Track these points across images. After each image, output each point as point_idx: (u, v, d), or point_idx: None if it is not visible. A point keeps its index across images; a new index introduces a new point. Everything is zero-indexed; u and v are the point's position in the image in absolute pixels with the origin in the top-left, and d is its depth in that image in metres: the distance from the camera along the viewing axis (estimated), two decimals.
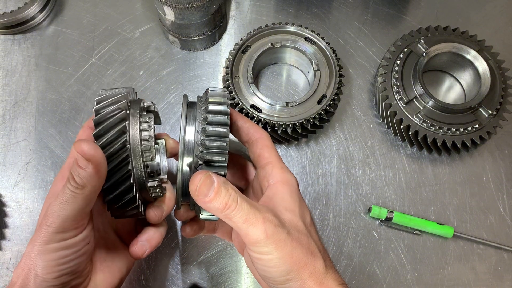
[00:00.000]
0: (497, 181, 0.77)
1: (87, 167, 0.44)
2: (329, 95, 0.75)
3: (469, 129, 0.74)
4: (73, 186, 0.45)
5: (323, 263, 0.48)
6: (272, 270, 0.47)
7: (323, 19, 0.89)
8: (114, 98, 0.50)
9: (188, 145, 0.49)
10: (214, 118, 0.49)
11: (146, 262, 0.72)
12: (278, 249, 0.46)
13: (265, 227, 0.45)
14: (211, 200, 0.46)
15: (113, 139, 0.48)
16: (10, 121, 0.81)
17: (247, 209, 0.46)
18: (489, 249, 0.74)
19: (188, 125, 0.50)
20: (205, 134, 0.48)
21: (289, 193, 0.53)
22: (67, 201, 0.45)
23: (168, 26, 0.81)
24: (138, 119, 0.50)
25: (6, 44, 0.87)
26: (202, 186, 0.46)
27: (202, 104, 0.52)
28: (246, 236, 0.46)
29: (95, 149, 0.45)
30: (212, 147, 0.48)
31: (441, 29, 0.81)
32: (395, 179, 0.78)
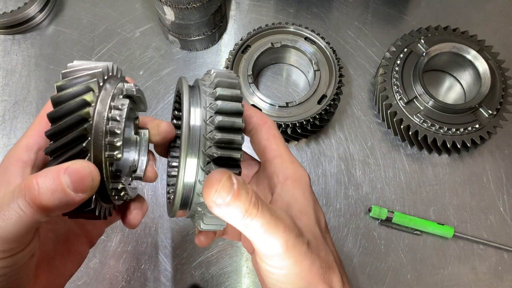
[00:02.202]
0: (497, 181, 0.77)
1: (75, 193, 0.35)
2: (329, 95, 0.75)
3: (469, 129, 0.74)
4: (25, 205, 0.34)
5: (340, 279, 0.42)
6: (285, 287, 0.40)
7: (323, 19, 0.89)
8: (88, 67, 0.41)
9: (192, 139, 0.39)
10: (226, 105, 0.39)
11: (146, 262, 0.72)
12: (296, 264, 0.39)
13: (286, 238, 0.38)
14: (229, 205, 0.37)
15: (72, 108, 0.38)
16: (10, 121, 0.81)
17: (269, 216, 0.38)
18: (489, 249, 0.74)
19: (193, 115, 0.40)
20: (216, 125, 0.39)
21: (302, 193, 0.46)
22: (8, 220, 0.34)
23: (168, 26, 0.81)
24: (111, 95, 0.40)
25: (6, 44, 0.87)
26: (221, 189, 0.36)
27: (207, 88, 0.42)
28: (263, 247, 0.39)
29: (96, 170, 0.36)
30: (224, 141, 0.39)
31: (441, 29, 0.81)
32: (395, 179, 0.78)
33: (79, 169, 0.35)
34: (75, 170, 0.35)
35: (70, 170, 0.35)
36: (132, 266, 0.72)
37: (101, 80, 0.40)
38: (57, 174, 0.34)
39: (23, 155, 0.41)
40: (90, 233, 0.50)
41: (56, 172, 0.34)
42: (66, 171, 0.34)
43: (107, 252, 0.73)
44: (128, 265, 0.72)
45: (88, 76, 0.39)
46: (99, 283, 0.71)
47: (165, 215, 0.75)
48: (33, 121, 0.44)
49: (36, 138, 0.42)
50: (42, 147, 0.42)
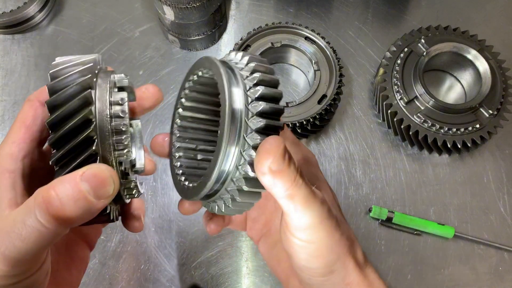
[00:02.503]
0: (497, 181, 0.77)
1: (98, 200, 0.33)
2: (330, 95, 0.75)
3: (470, 129, 0.74)
4: (48, 219, 0.32)
5: (362, 253, 0.43)
6: (316, 261, 0.40)
7: (323, 19, 0.89)
8: (77, 62, 0.38)
9: (234, 123, 0.37)
10: (265, 77, 0.39)
11: (146, 263, 0.72)
12: (329, 236, 0.39)
13: (322, 211, 0.38)
14: (281, 173, 0.35)
15: (73, 110, 0.35)
16: (9, 121, 0.81)
17: (309, 188, 0.37)
18: (490, 249, 0.73)
19: (234, 98, 0.37)
20: (257, 95, 0.38)
21: (316, 172, 0.46)
22: (28, 238, 0.32)
23: (168, 25, 0.81)
24: (108, 91, 0.37)
25: (6, 44, 0.86)
26: (280, 154, 0.35)
27: (243, 72, 0.40)
28: (300, 219, 0.38)
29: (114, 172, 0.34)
30: (268, 111, 0.37)
31: (442, 29, 0.81)
32: (395, 179, 0.77)
33: (97, 173, 0.33)
34: (93, 174, 0.33)
35: (87, 176, 0.33)
36: (131, 267, 0.72)
37: (94, 75, 0.37)
38: (74, 182, 0.32)
39: (9, 165, 0.38)
40: (88, 237, 0.49)
41: (73, 180, 0.32)
42: (83, 177, 0.32)
43: (107, 252, 0.72)
44: (128, 266, 0.72)
45: (80, 73, 0.37)
46: (98, 283, 0.71)
47: (165, 215, 0.75)
48: (11, 128, 0.40)
49: (19, 145, 0.39)
50: (27, 155, 0.39)
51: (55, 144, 0.35)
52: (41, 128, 0.40)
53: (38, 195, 0.32)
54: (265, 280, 0.72)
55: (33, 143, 0.40)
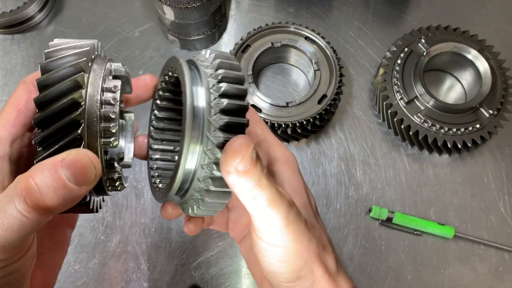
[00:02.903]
0: (498, 181, 0.77)
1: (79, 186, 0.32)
2: (330, 95, 0.75)
3: (470, 129, 0.74)
4: (27, 210, 0.31)
5: (334, 259, 0.42)
6: (282, 266, 0.39)
7: (323, 19, 0.89)
8: (74, 45, 0.37)
9: (196, 122, 0.36)
10: (229, 73, 0.38)
11: (146, 263, 0.72)
12: (295, 240, 0.38)
13: (288, 213, 0.37)
14: (247, 173, 0.34)
15: (63, 91, 0.34)
16: None
17: (275, 189, 0.36)
18: (490, 249, 0.73)
19: (196, 96, 0.37)
20: (220, 92, 0.37)
21: (293, 173, 0.45)
22: (10, 227, 0.31)
23: (168, 25, 0.81)
24: (102, 77, 0.36)
25: (5, 44, 0.86)
26: (249, 155, 0.34)
27: (207, 69, 0.40)
28: (265, 221, 0.37)
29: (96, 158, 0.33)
30: (231, 108, 0.37)
31: (442, 29, 0.81)
32: (395, 179, 0.77)
33: (78, 159, 0.32)
34: (73, 160, 0.32)
35: (68, 162, 0.31)
36: (131, 267, 0.72)
37: (89, 59, 0.36)
38: (54, 169, 0.31)
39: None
40: (69, 218, 0.48)
41: (53, 166, 0.31)
42: (63, 163, 0.31)
43: (107, 252, 0.72)
44: (128, 266, 0.72)
45: (75, 55, 0.36)
46: (98, 283, 0.71)
47: None
48: (2, 111, 0.39)
49: (9, 129, 0.38)
50: (16, 139, 0.38)
51: (40, 123, 0.34)
52: (33, 113, 0.39)
53: (17, 184, 0.32)
54: None
55: (24, 127, 0.39)
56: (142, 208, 0.75)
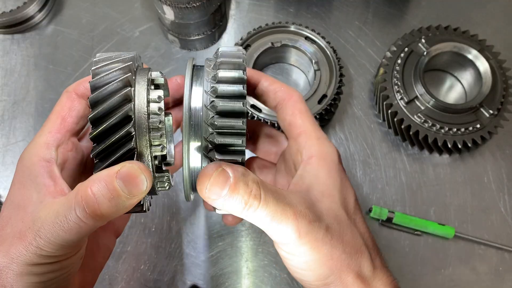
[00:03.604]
0: (498, 181, 0.77)
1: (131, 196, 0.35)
2: (330, 95, 0.75)
3: (470, 129, 0.74)
4: (86, 216, 0.35)
5: (370, 263, 0.40)
6: (306, 274, 0.39)
7: (324, 18, 0.89)
8: (116, 60, 0.40)
9: (194, 125, 0.38)
10: (226, 88, 0.38)
11: (146, 263, 0.72)
12: (313, 250, 0.37)
13: (297, 225, 0.37)
14: (227, 200, 0.36)
15: (113, 107, 0.37)
16: (9, 121, 0.81)
17: (274, 205, 0.36)
18: (490, 249, 0.73)
19: (193, 98, 0.38)
20: (215, 110, 0.37)
21: (327, 172, 0.42)
22: (70, 230, 0.35)
23: (168, 25, 0.81)
24: (146, 88, 0.39)
25: (5, 44, 0.86)
26: (213, 184, 0.35)
27: (211, 70, 0.40)
28: (274, 235, 0.38)
29: (147, 170, 0.36)
30: (225, 127, 0.37)
31: (442, 29, 0.81)
32: (395, 179, 0.77)
33: (131, 172, 0.35)
34: (127, 173, 0.35)
35: (122, 174, 0.35)
36: (131, 267, 0.72)
37: (133, 73, 0.39)
38: (110, 180, 0.34)
39: (45, 154, 0.40)
40: (115, 224, 0.50)
41: (109, 178, 0.34)
42: (118, 175, 0.34)
43: None
44: (128, 266, 0.72)
45: (120, 70, 0.38)
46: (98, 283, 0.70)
47: (165, 216, 0.75)
48: (48, 118, 0.43)
49: (55, 135, 0.41)
50: (61, 143, 0.42)
51: (96, 138, 0.38)
52: (76, 120, 0.42)
53: (78, 193, 0.35)
54: (265, 281, 0.71)
55: (68, 133, 0.42)
56: None
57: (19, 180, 0.41)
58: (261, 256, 0.73)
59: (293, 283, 0.71)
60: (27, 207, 0.38)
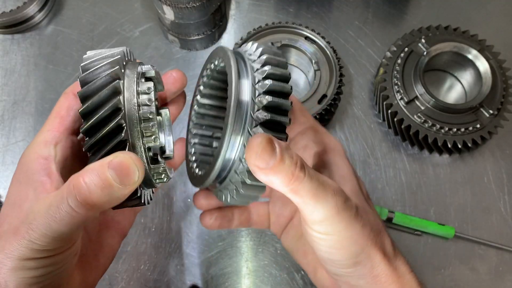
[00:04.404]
0: (498, 181, 0.77)
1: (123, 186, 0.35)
2: (330, 95, 0.75)
3: (470, 129, 0.74)
4: (77, 205, 0.35)
5: (391, 243, 0.42)
6: (338, 253, 0.40)
7: (324, 18, 0.89)
8: (106, 55, 0.40)
9: (239, 114, 0.38)
10: (275, 70, 0.39)
11: (146, 263, 0.72)
12: (348, 227, 0.38)
13: (335, 202, 0.37)
14: (274, 170, 0.35)
15: (103, 100, 0.38)
16: (9, 121, 0.81)
17: (316, 180, 0.37)
18: (490, 249, 0.73)
19: (242, 89, 0.38)
20: (265, 89, 0.38)
21: (342, 160, 0.45)
22: (62, 221, 0.35)
23: (168, 25, 0.81)
24: (135, 81, 0.40)
25: (5, 44, 0.86)
26: (263, 152, 0.35)
27: (254, 64, 0.41)
28: (312, 213, 0.38)
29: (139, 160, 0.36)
30: (274, 105, 0.38)
31: (442, 29, 0.81)
32: (395, 179, 0.77)
33: (123, 162, 0.35)
34: (119, 163, 0.35)
35: (114, 164, 0.35)
36: (131, 267, 0.72)
37: (122, 67, 0.40)
38: (102, 170, 0.34)
39: (43, 151, 0.41)
40: (120, 224, 0.50)
41: (101, 168, 0.35)
42: (110, 165, 0.35)
43: None
44: (128, 266, 0.72)
45: (109, 65, 0.39)
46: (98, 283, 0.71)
47: (165, 216, 0.75)
48: (48, 117, 0.43)
49: (54, 133, 0.42)
50: (60, 141, 0.42)
51: (88, 132, 0.38)
52: (74, 119, 0.43)
53: (70, 183, 0.35)
54: (265, 281, 0.71)
55: (66, 131, 0.43)
56: (142, 208, 0.75)
57: (17, 178, 0.41)
58: (261, 256, 0.73)
59: (293, 283, 0.71)
60: (23, 204, 0.38)
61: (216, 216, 0.51)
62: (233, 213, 0.52)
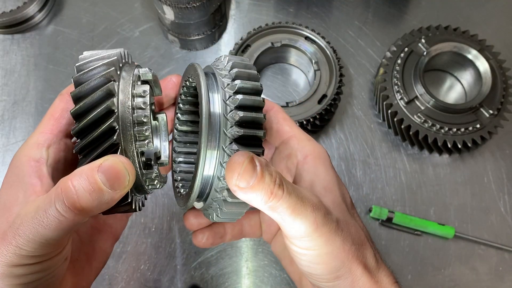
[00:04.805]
0: (498, 181, 0.77)
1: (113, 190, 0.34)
2: (330, 95, 0.75)
3: (470, 129, 0.74)
4: (65, 210, 0.33)
5: (373, 255, 0.41)
6: (319, 267, 0.39)
7: (323, 18, 0.89)
8: (102, 56, 0.39)
9: (212, 129, 0.37)
10: (246, 84, 0.38)
11: (146, 263, 0.72)
12: (328, 242, 0.38)
13: (315, 217, 0.37)
14: (253, 189, 0.35)
15: (96, 101, 0.36)
16: (9, 121, 0.81)
17: (295, 196, 0.37)
18: (490, 249, 0.73)
19: (212, 104, 0.37)
20: (236, 104, 0.37)
21: (325, 169, 0.44)
22: (49, 226, 0.34)
23: (168, 25, 0.81)
24: (131, 83, 0.38)
25: (5, 44, 0.86)
26: (245, 171, 0.34)
27: (222, 71, 0.40)
28: (292, 229, 0.38)
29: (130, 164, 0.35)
30: (247, 120, 0.37)
31: (442, 29, 0.81)
32: (395, 179, 0.77)
33: (113, 165, 0.34)
34: (109, 166, 0.34)
35: (104, 168, 0.34)
36: (131, 267, 0.72)
37: (118, 68, 0.38)
38: (92, 174, 0.33)
39: (35, 154, 0.40)
40: (113, 228, 0.49)
41: (90, 172, 0.33)
42: (100, 169, 0.33)
43: None
44: (128, 266, 0.72)
45: (104, 66, 0.38)
46: (98, 283, 0.71)
47: (165, 216, 0.75)
48: (42, 119, 0.42)
49: (46, 135, 0.41)
50: (53, 144, 0.41)
51: (79, 133, 0.37)
52: (69, 121, 0.42)
53: (58, 186, 0.34)
54: (265, 281, 0.71)
55: (60, 134, 0.41)
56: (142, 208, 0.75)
57: (7, 180, 0.40)
58: (261, 256, 0.73)
59: (293, 283, 0.71)
60: (13, 207, 0.37)
61: (208, 235, 0.51)
62: (225, 228, 0.52)
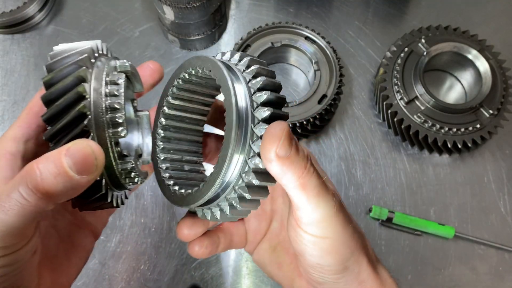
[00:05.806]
0: (498, 181, 0.77)
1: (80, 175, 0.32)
2: (330, 95, 0.75)
3: (470, 129, 0.74)
4: (28, 193, 0.32)
5: (373, 252, 0.42)
6: (330, 257, 0.39)
7: (324, 18, 0.89)
8: (78, 46, 0.38)
9: (241, 117, 0.36)
10: (270, 81, 0.38)
11: (146, 263, 0.72)
12: (343, 229, 0.38)
13: (335, 202, 0.37)
14: (290, 159, 0.34)
15: (67, 87, 0.35)
16: (9, 121, 0.81)
17: (321, 178, 0.36)
18: (490, 249, 0.73)
19: (236, 88, 0.36)
20: (263, 101, 0.36)
21: (318, 167, 0.45)
22: (11, 211, 0.32)
23: (168, 25, 0.81)
24: (105, 71, 0.37)
25: (5, 44, 0.86)
26: (285, 139, 0.33)
27: (238, 66, 0.39)
28: (313, 212, 0.37)
29: (99, 149, 0.34)
30: (275, 117, 0.36)
31: (442, 29, 0.81)
32: (395, 179, 0.77)
33: (80, 149, 0.33)
34: (76, 150, 0.32)
35: (71, 151, 0.32)
36: (131, 267, 0.72)
37: (92, 56, 0.37)
38: (58, 157, 0.32)
39: (11, 147, 0.39)
40: (92, 225, 0.48)
41: (57, 155, 0.32)
42: (67, 152, 0.32)
43: (107, 252, 0.72)
44: (128, 266, 0.72)
45: (77, 54, 0.37)
46: (98, 283, 0.71)
47: (165, 216, 0.75)
48: (21, 113, 0.41)
49: (24, 129, 0.40)
50: (31, 138, 0.40)
51: (49, 120, 0.36)
52: None
53: (24, 169, 0.33)
54: (265, 281, 0.71)
55: (38, 128, 0.41)
56: (142, 208, 0.75)
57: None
58: None
59: None
60: None
61: (207, 244, 0.48)
62: (218, 237, 0.50)
